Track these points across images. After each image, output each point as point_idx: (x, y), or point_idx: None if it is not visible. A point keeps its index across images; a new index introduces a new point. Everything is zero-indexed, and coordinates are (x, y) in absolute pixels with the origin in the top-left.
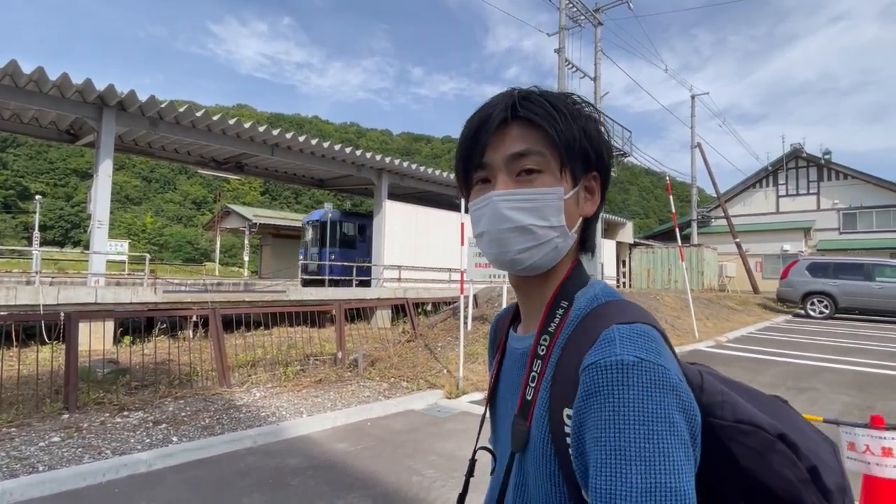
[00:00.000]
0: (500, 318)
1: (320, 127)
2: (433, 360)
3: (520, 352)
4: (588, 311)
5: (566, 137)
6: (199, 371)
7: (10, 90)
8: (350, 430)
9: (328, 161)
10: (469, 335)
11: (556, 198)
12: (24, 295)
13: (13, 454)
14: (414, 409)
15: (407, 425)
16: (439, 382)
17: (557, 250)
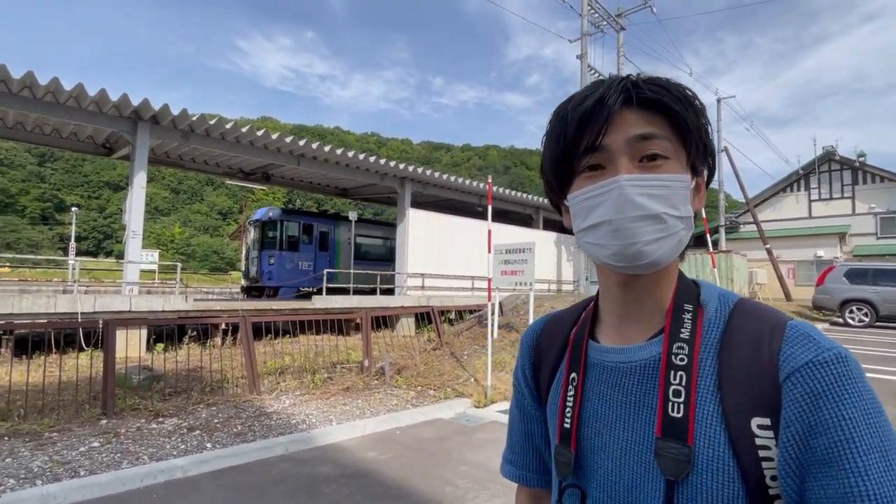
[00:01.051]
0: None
1: (342, 137)
2: (460, 368)
3: (629, 366)
4: (730, 310)
5: (695, 126)
6: (229, 378)
7: (51, 106)
8: (379, 438)
9: (352, 170)
10: (496, 343)
11: (685, 186)
12: (63, 303)
13: (56, 458)
14: (442, 417)
15: (436, 434)
16: (467, 391)
17: (680, 244)
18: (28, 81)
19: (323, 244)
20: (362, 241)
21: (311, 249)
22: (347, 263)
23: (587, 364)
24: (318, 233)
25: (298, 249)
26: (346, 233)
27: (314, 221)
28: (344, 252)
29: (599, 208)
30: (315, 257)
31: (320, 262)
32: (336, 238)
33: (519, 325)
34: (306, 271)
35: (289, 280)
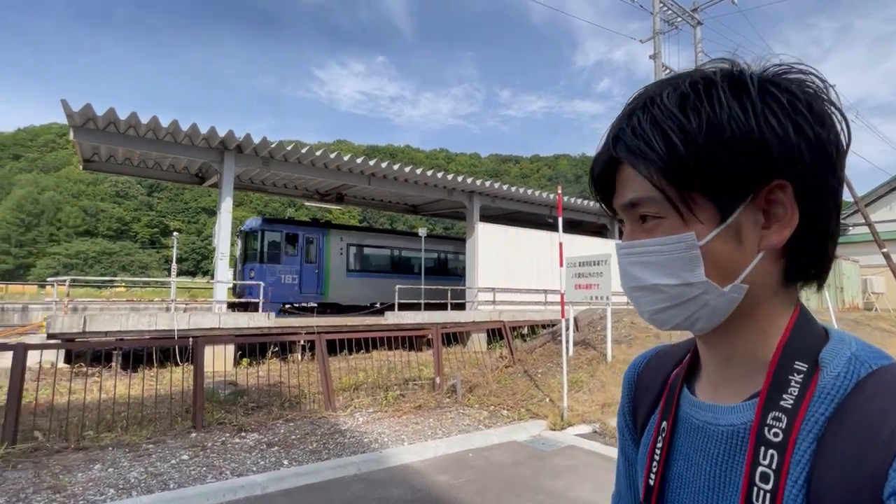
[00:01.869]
0: (646, 366)
1: (411, 155)
2: (534, 387)
3: (716, 429)
4: (859, 380)
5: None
6: (306, 394)
7: (152, 142)
8: (451, 460)
9: (420, 187)
10: (571, 361)
11: (685, 247)
12: (163, 321)
13: (150, 470)
14: (516, 440)
15: (510, 458)
16: (542, 412)
17: (712, 308)
18: (133, 121)
19: (310, 255)
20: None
21: (296, 261)
22: (340, 276)
23: (678, 416)
24: (304, 243)
25: (281, 262)
26: (339, 242)
27: (299, 230)
28: (336, 264)
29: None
30: (301, 270)
31: (307, 276)
32: (325, 248)
33: (596, 342)
34: (290, 285)
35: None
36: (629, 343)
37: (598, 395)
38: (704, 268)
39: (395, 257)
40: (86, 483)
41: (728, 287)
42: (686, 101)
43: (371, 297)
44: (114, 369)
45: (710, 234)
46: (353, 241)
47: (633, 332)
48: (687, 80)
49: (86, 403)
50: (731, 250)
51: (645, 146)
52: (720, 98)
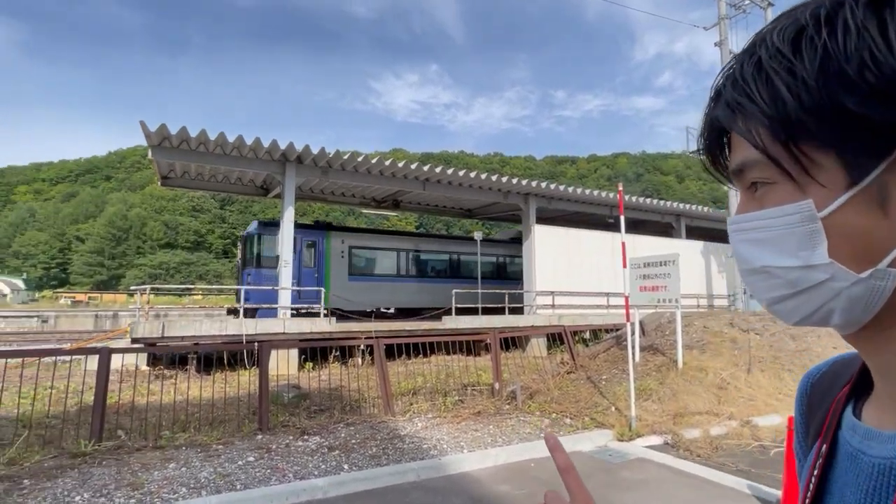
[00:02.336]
0: (820, 378)
1: (466, 160)
2: (598, 394)
3: (867, 460)
4: None
5: (787, 117)
6: (366, 398)
7: (220, 157)
8: (512, 470)
9: (475, 190)
10: (638, 367)
11: (800, 219)
12: (232, 326)
13: (219, 470)
14: (581, 450)
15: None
16: (608, 421)
17: (847, 299)
18: (202, 138)
19: (308, 259)
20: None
21: (294, 266)
22: (341, 280)
23: (837, 439)
24: (303, 246)
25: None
26: (340, 245)
27: (297, 233)
28: (337, 267)
29: None
30: (299, 275)
31: (306, 280)
32: (325, 252)
33: (664, 348)
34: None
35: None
36: (702, 349)
37: (669, 405)
38: (829, 246)
39: (413, 259)
40: (161, 481)
41: (867, 272)
42: (801, 34)
43: (376, 301)
44: (189, 372)
45: (837, 202)
46: (356, 243)
47: (707, 337)
48: (810, 7)
49: (163, 404)
50: (872, 223)
51: (745, 98)
52: (847, 22)
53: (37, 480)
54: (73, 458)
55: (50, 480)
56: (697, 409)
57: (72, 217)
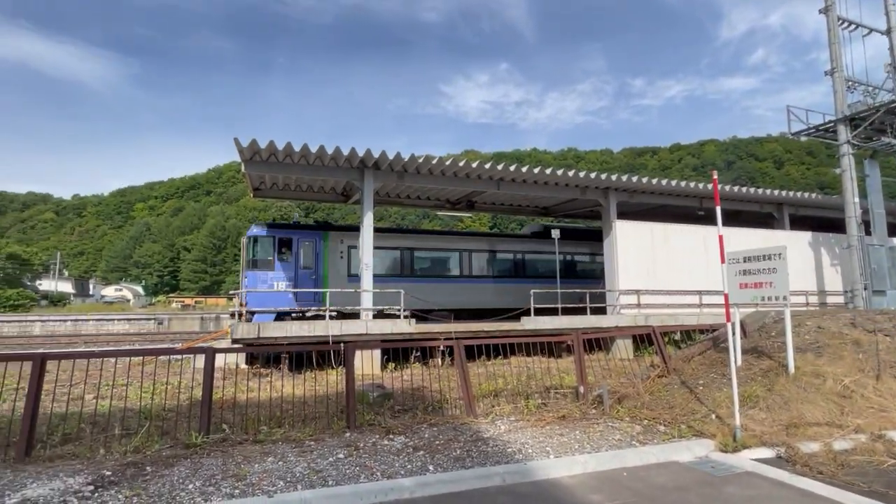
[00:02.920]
0: None
1: (539, 158)
2: (695, 401)
3: None
4: None
5: None
6: (448, 399)
7: (304, 167)
8: (603, 479)
9: (551, 188)
10: (741, 372)
11: None
12: (319, 328)
13: (312, 466)
14: (678, 460)
15: (673, 481)
16: (708, 430)
17: None
18: (288, 150)
19: (306, 260)
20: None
21: (291, 267)
22: (340, 281)
23: None
24: (300, 247)
25: (274, 268)
26: (339, 245)
27: (294, 234)
28: (335, 268)
29: None
30: (296, 276)
31: (303, 282)
32: (323, 252)
33: (771, 351)
34: (284, 293)
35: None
36: (817, 352)
37: (779, 414)
38: None
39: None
40: (261, 474)
41: None
42: None
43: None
44: (282, 371)
45: None
46: (356, 242)
47: (823, 339)
48: None
49: (261, 401)
50: None
51: None
52: None
53: (157, 467)
54: (186, 448)
55: (168, 468)
56: (815, 419)
57: (179, 229)
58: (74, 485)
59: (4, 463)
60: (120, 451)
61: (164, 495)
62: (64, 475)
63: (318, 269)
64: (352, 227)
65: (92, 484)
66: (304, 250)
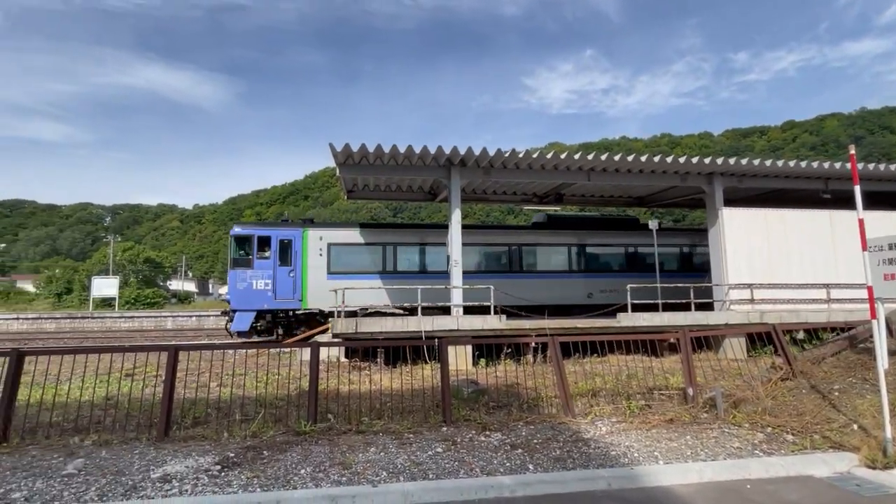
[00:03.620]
0: None
1: (629, 146)
2: (829, 408)
3: None
4: None
5: None
6: (543, 397)
7: (394, 168)
8: (723, 489)
9: (646, 176)
10: (888, 377)
11: None
12: (412, 324)
13: (412, 458)
14: (813, 475)
15: (810, 498)
16: (848, 442)
17: None
18: (378, 152)
19: (285, 258)
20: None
21: (270, 265)
22: (319, 279)
23: None
24: (278, 245)
25: (253, 266)
26: (318, 242)
27: (272, 232)
28: (314, 265)
29: None
30: (274, 274)
31: (281, 279)
32: (302, 250)
33: None
34: (263, 291)
35: (243, 303)
36: None
37: None
38: None
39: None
40: (365, 463)
41: None
42: None
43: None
44: (379, 364)
45: None
46: (336, 240)
47: None
48: None
49: (361, 393)
50: None
51: None
52: None
53: (272, 452)
54: (296, 435)
55: (282, 453)
56: None
57: None
58: (204, 464)
59: (148, 441)
60: (240, 435)
61: (280, 478)
62: (196, 454)
63: (296, 266)
64: (332, 224)
65: (219, 464)
66: (282, 248)
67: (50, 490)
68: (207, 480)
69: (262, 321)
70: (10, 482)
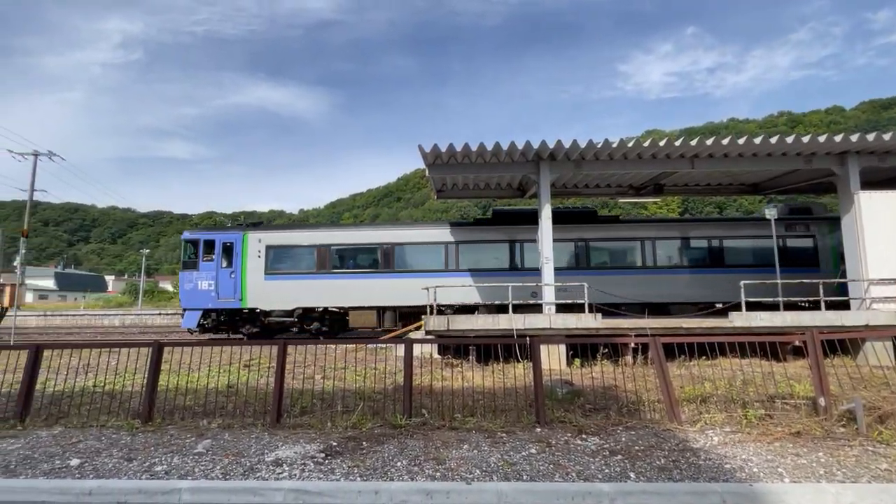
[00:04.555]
0: None
1: (738, 128)
2: None
3: None
4: None
5: None
6: (644, 401)
7: (481, 166)
8: None
9: (762, 160)
10: None
11: None
12: (503, 322)
13: (505, 458)
14: None
15: None
16: None
17: None
18: (466, 151)
19: (226, 261)
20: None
21: (213, 267)
22: (257, 279)
23: None
24: (221, 248)
25: (199, 268)
26: (257, 244)
27: (216, 236)
28: (253, 266)
29: None
30: (217, 275)
31: (223, 280)
32: (242, 252)
33: None
34: (207, 291)
35: (190, 302)
36: None
37: None
38: None
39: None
40: (458, 460)
41: None
42: None
43: (293, 299)
44: (471, 362)
45: None
46: (273, 242)
47: None
48: None
49: (454, 389)
50: None
51: None
52: None
53: (371, 443)
54: (392, 428)
55: (379, 445)
56: None
57: None
58: (311, 451)
59: (263, 427)
60: (342, 426)
61: (378, 469)
62: (303, 441)
63: (237, 268)
64: (271, 227)
65: (323, 452)
66: (225, 251)
67: (184, 465)
68: (313, 467)
69: (208, 319)
70: (153, 456)
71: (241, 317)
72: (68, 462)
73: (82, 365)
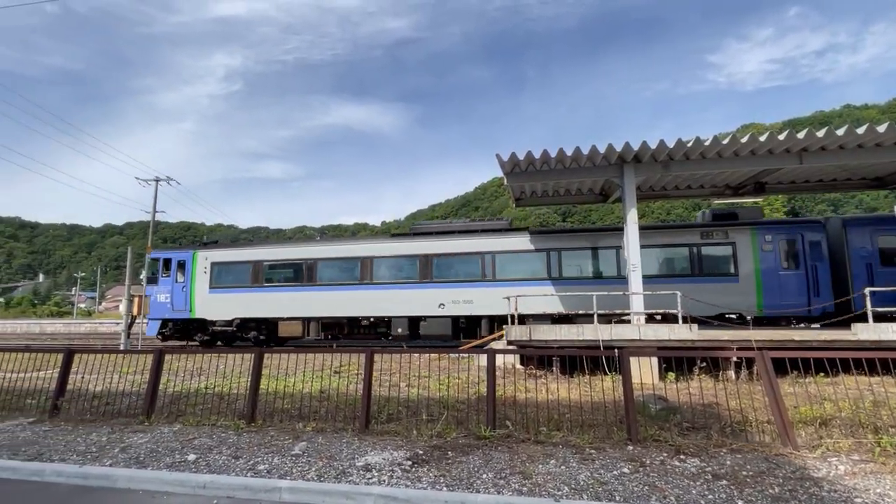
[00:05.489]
0: None
1: (855, 116)
2: None
3: None
4: None
5: None
6: (750, 421)
7: (561, 172)
8: None
9: (889, 150)
10: None
11: None
12: (588, 332)
13: (596, 476)
14: None
15: None
16: None
17: None
18: (545, 157)
19: (180, 276)
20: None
21: (169, 282)
22: (203, 293)
23: None
24: (176, 265)
25: (158, 283)
26: (203, 262)
27: (173, 255)
28: (200, 281)
29: None
30: (172, 289)
31: (176, 294)
32: (192, 268)
33: None
34: (164, 303)
35: (152, 313)
36: None
37: None
38: None
39: (289, 272)
40: (545, 475)
41: None
42: None
43: (231, 311)
44: (556, 373)
45: None
46: (217, 259)
47: None
48: None
49: (538, 401)
50: None
51: None
52: None
53: (456, 453)
54: (477, 439)
55: (464, 455)
56: None
57: None
58: (398, 458)
59: (353, 432)
60: (427, 434)
61: (464, 480)
62: (391, 448)
63: (187, 282)
64: (217, 245)
65: (410, 459)
66: (179, 267)
67: (283, 465)
68: (401, 474)
69: (166, 328)
70: (257, 455)
71: (193, 326)
72: (186, 457)
73: (195, 368)
